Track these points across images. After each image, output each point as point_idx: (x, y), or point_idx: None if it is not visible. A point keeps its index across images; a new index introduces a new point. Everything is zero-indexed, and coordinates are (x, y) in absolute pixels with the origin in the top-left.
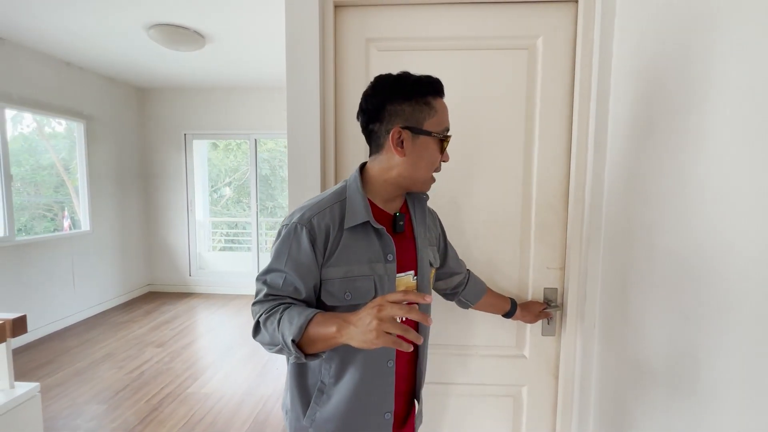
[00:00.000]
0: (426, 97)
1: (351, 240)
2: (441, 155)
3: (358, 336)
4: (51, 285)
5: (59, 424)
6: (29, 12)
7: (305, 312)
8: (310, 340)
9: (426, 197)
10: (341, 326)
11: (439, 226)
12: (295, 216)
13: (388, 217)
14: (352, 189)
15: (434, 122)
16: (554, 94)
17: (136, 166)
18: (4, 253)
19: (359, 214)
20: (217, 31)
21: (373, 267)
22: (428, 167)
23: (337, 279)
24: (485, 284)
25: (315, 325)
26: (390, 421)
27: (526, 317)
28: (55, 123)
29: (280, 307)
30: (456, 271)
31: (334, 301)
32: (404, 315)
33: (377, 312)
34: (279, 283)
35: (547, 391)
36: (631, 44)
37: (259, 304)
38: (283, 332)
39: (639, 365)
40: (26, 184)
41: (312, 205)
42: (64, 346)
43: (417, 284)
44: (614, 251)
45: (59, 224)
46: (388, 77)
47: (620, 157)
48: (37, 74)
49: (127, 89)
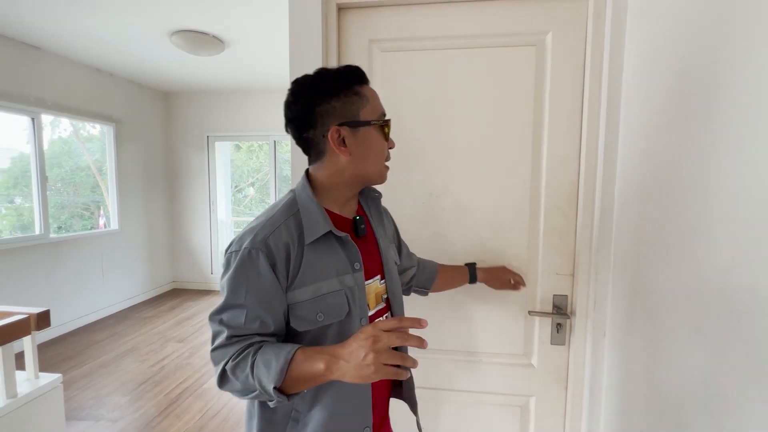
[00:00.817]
0: (353, 88)
1: (314, 255)
2: (387, 142)
3: (352, 372)
4: (82, 281)
5: (84, 414)
6: (64, 22)
7: (283, 351)
8: (293, 382)
9: (378, 195)
10: (331, 363)
11: (392, 222)
12: (246, 240)
13: (347, 222)
14: (304, 199)
15: (369, 110)
16: (564, 92)
17: (162, 167)
18: (39, 251)
19: (319, 225)
20: (235, 35)
21: (341, 280)
22: (378, 158)
23: (306, 301)
24: (435, 264)
25: (298, 365)
26: None
27: (491, 282)
28: (89, 126)
29: (250, 350)
30: (409, 266)
31: (306, 325)
32: (401, 344)
33: (372, 344)
34: (241, 321)
35: (555, 402)
36: (643, 40)
37: (221, 349)
38: (260, 379)
39: (650, 376)
40: (66, 185)
41: (263, 225)
42: (92, 339)
43: (386, 287)
44: (625, 258)
45: (95, 222)
46: (305, 79)
47: (632, 160)
48: (70, 81)
49: (153, 93)
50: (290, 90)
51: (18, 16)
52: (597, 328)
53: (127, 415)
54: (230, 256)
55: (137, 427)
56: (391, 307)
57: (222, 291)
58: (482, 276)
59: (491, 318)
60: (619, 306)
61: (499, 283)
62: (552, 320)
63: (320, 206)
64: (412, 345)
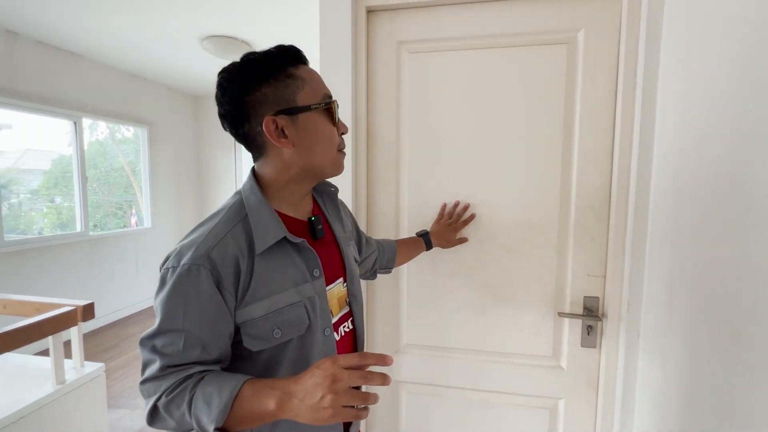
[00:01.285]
0: (286, 70)
1: (267, 266)
2: (335, 126)
3: (306, 413)
4: (117, 276)
5: (121, 402)
6: (104, 29)
7: (227, 385)
8: (237, 421)
9: (335, 190)
10: (282, 401)
11: (350, 215)
12: (185, 255)
13: (302, 224)
14: (253, 202)
15: (308, 94)
16: (596, 90)
17: (191, 167)
18: (79, 247)
19: (271, 231)
20: (262, 39)
21: (300, 290)
22: (326, 146)
23: (260, 318)
24: (393, 242)
25: (244, 402)
26: None
27: (443, 245)
28: (124, 129)
29: (188, 383)
30: (370, 253)
31: (261, 344)
32: (363, 383)
33: (331, 383)
34: (178, 347)
35: (586, 405)
36: (682, 37)
37: (153, 381)
38: (199, 418)
39: (688, 383)
40: (101, 185)
41: (205, 236)
42: (127, 332)
43: (348, 290)
44: (661, 259)
45: (127, 221)
46: (231, 68)
47: (670, 160)
48: (108, 86)
49: (184, 97)
50: (218, 82)
51: (62, 26)
52: (631, 331)
53: None
54: (166, 272)
55: None
56: (352, 310)
57: (156, 313)
58: (435, 242)
59: (518, 318)
60: (654, 309)
61: (448, 243)
62: (582, 322)
63: (271, 209)
64: (374, 384)
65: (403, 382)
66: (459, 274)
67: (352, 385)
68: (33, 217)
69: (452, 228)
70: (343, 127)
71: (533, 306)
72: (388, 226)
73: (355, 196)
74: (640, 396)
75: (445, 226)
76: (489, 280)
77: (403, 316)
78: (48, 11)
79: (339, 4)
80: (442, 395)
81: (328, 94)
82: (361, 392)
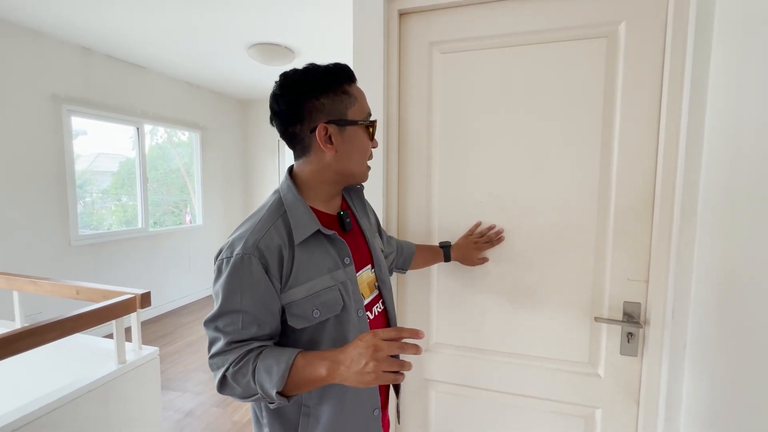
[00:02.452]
0: (342, 86)
1: (305, 254)
2: (371, 142)
3: (353, 378)
4: (172, 269)
5: (174, 385)
6: (162, 44)
7: (283, 357)
8: (294, 386)
9: (361, 187)
10: (332, 368)
11: (373, 213)
12: (237, 246)
13: (333, 218)
14: (290, 199)
15: (357, 110)
16: (638, 85)
17: (238, 168)
18: (140, 242)
19: (307, 225)
20: (305, 45)
21: (334, 276)
22: (362, 157)
23: (302, 299)
24: (413, 245)
25: (299, 370)
26: (379, 417)
27: (464, 262)
28: (180, 133)
29: (250, 356)
30: (389, 252)
31: (303, 322)
32: (399, 352)
33: (373, 353)
34: (238, 326)
35: (625, 417)
36: (737, 26)
37: (221, 355)
38: (262, 384)
39: (739, 399)
40: (160, 185)
41: (252, 229)
42: (180, 321)
43: (376, 276)
44: (710, 265)
45: (182, 219)
46: (294, 73)
47: (722, 158)
48: (166, 94)
49: (232, 102)
50: (278, 82)
51: (128, 41)
52: (676, 340)
53: (207, 390)
54: (221, 263)
55: (215, 402)
56: (382, 293)
57: (216, 298)
58: (455, 256)
59: (552, 322)
60: (703, 318)
61: (468, 261)
62: (622, 329)
63: (306, 205)
64: (409, 353)
65: (432, 381)
66: (490, 275)
67: (390, 354)
68: (103, 214)
69: (476, 247)
70: (376, 143)
71: (568, 310)
72: (419, 225)
73: (386, 196)
74: (687, 413)
75: (470, 243)
76: (522, 282)
77: (433, 315)
78: (118, 28)
79: (372, 8)
80: (471, 396)
81: (370, 113)
82: (398, 360)
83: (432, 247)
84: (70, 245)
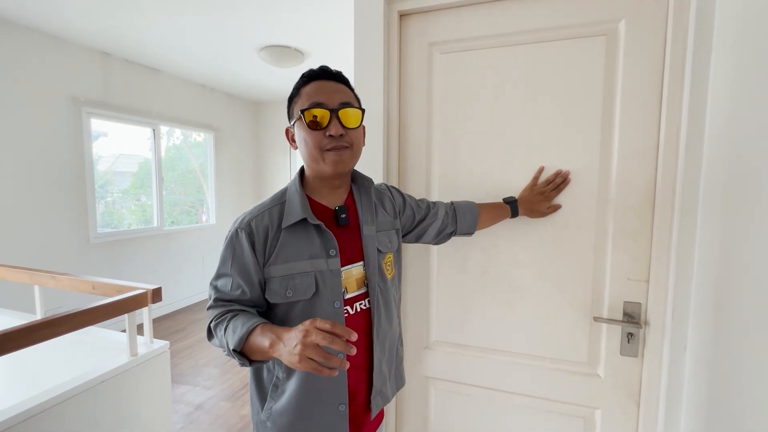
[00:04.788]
0: (299, 90)
1: (290, 238)
2: (313, 130)
3: (285, 356)
4: (186, 267)
5: (185, 379)
6: (177, 47)
7: (248, 323)
8: (250, 350)
9: (369, 183)
10: (273, 342)
11: (396, 198)
12: (237, 222)
13: (329, 212)
14: (291, 190)
15: (297, 106)
16: (638, 84)
17: (251, 168)
18: (156, 240)
19: (295, 212)
20: (314, 47)
21: (313, 263)
22: (309, 150)
23: (278, 277)
24: (474, 206)
25: (254, 337)
26: (345, 413)
27: (532, 214)
28: (195, 135)
29: (228, 315)
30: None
31: (278, 298)
32: (326, 344)
33: (303, 337)
34: (228, 287)
35: (624, 418)
36: (738, 24)
37: (211, 309)
38: (227, 340)
39: (740, 401)
40: (177, 185)
41: (252, 210)
42: (193, 318)
43: (366, 274)
44: (709, 265)
45: (199, 218)
46: None
47: (722, 157)
48: (181, 96)
49: (245, 103)
50: None
51: (146, 45)
52: (676, 341)
53: (218, 385)
54: (228, 234)
55: (225, 396)
56: (369, 292)
57: (218, 261)
58: (523, 210)
59: (551, 321)
60: (702, 318)
61: (538, 213)
62: (622, 329)
63: (304, 196)
64: (336, 349)
65: (431, 378)
66: (489, 274)
67: (318, 343)
68: (123, 213)
69: (544, 197)
70: (333, 129)
71: (567, 309)
72: None
73: None
74: (687, 414)
75: (537, 194)
76: (521, 281)
77: (432, 314)
78: (135, 33)
79: (372, 10)
80: (471, 394)
81: (315, 102)
82: (323, 351)
83: (497, 204)
84: (89, 242)
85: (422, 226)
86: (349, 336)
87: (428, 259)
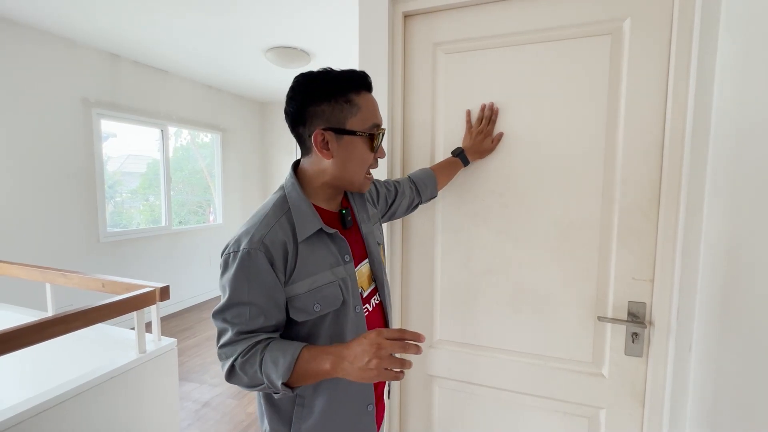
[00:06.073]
0: (347, 95)
1: (308, 251)
2: (373, 153)
3: (356, 373)
4: (193, 266)
5: (192, 377)
6: (185, 49)
7: (289, 349)
8: (298, 378)
9: None
10: (335, 363)
11: (374, 189)
12: (243, 241)
13: (334, 216)
14: (294, 197)
15: (358, 120)
16: (643, 83)
17: (257, 168)
18: (164, 239)
19: (310, 223)
20: (320, 48)
21: (334, 272)
22: (357, 167)
23: (304, 293)
24: (429, 171)
25: (304, 363)
26: (373, 412)
27: (480, 156)
28: (202, 135)
29: (258, 347)
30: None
31: (304, 316)
32: (402, 351)
33: (377, 350)
34: (246, 317)
35: (629, 418)
36: (744, 23)
37: (229, 346)
38: (268, 375)
39: (746, 401)
40: (185, 185)
41: (257, 225)
42: (200, 316)
43: (372, 270)
44: (716, 265)
45: (206, 218)
46: (306, 76)
47: (727, 157)
48: (189, 97)
49: (251, 104)
50: (292, 84)
51: (154, 47)
52: (681, 340)
53: (224, 383)
54: (228, 257)
55: (232, 393)
56: (377, 286)
57: (223, 291)
58: (472, 157)
59: (555, 320)
60: (708, 318)
61: (485, 152)
62: (627, 329)
63: (309, 203)
64: (410, 352)
65: (435, 377)
66: (493, 273)
67: (393, 353)
68: (132, 213)
69: (484, 134)
70: (382, 153)
71: (571, 309)
72: (422, 224)
73: None
74: (692, 414)
75: (477, 134)
76: (524, 280)
77: (436, 312)
78: (144, 35)
79: (377, 11)
80: (474, 393)
81: (377, 123)
82: (399, 359)
83: (446, 161)
84: (99, 242)
85: (393, 207)
86: (417, 339)
87: (432, 258)
